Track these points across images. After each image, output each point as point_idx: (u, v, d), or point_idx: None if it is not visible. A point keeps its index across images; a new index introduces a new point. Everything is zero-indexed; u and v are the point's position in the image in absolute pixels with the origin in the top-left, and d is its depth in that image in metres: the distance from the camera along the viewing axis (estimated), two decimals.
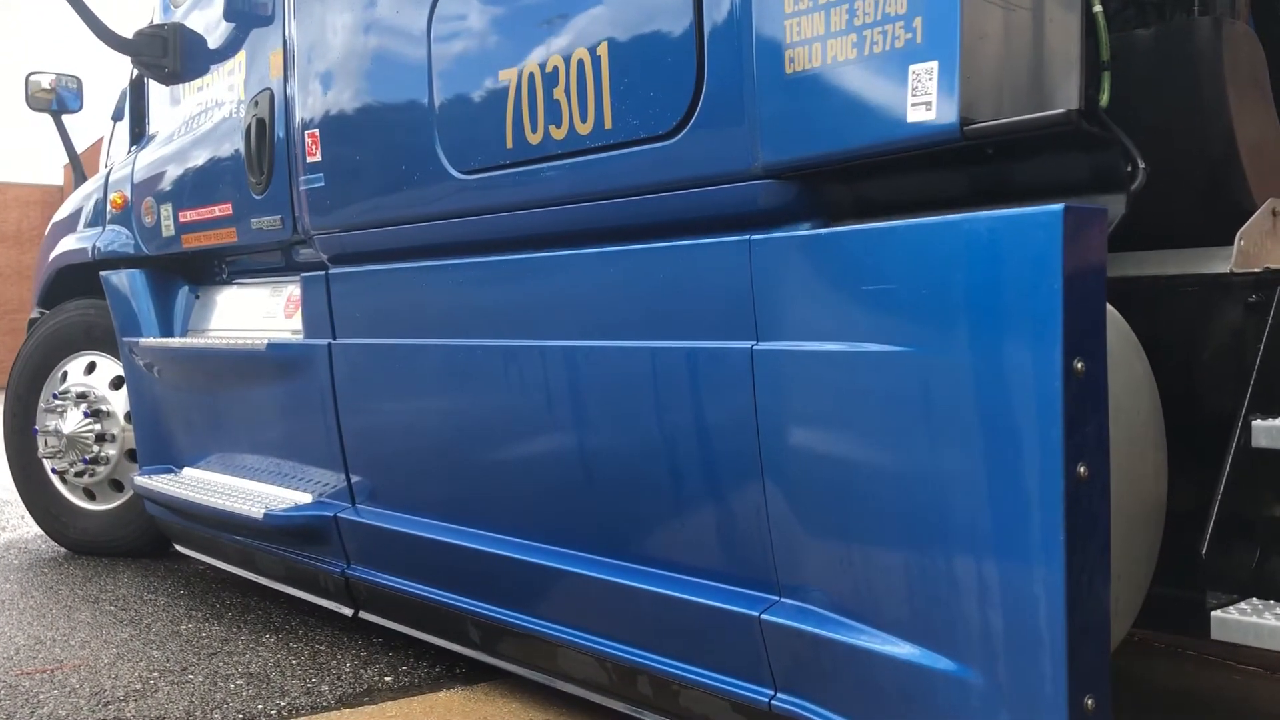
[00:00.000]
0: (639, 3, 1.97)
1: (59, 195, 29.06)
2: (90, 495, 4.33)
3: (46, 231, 4.75)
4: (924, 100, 1.54)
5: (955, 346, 1.49)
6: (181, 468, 3.67)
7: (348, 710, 2.57)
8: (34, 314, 4.68)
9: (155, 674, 2.84)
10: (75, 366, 4.39)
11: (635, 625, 2.05)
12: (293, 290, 3.30)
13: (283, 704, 2.61)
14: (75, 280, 4.36)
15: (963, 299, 1.49)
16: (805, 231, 1.74)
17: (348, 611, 2.95)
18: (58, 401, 4.43)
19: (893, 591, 1.64)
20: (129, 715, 2.54)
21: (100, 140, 5.69)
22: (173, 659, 2.97)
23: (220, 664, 2.92)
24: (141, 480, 3.64)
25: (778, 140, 1.75)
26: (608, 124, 2.03)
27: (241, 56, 3.27)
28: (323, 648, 3.06)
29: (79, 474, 4.29)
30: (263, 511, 2.93)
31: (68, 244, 4.35)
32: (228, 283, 3.73)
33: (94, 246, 4.06)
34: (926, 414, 1.54)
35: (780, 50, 1.72)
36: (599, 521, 2.13)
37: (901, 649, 1.62)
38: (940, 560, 1.55)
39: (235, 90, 3.29)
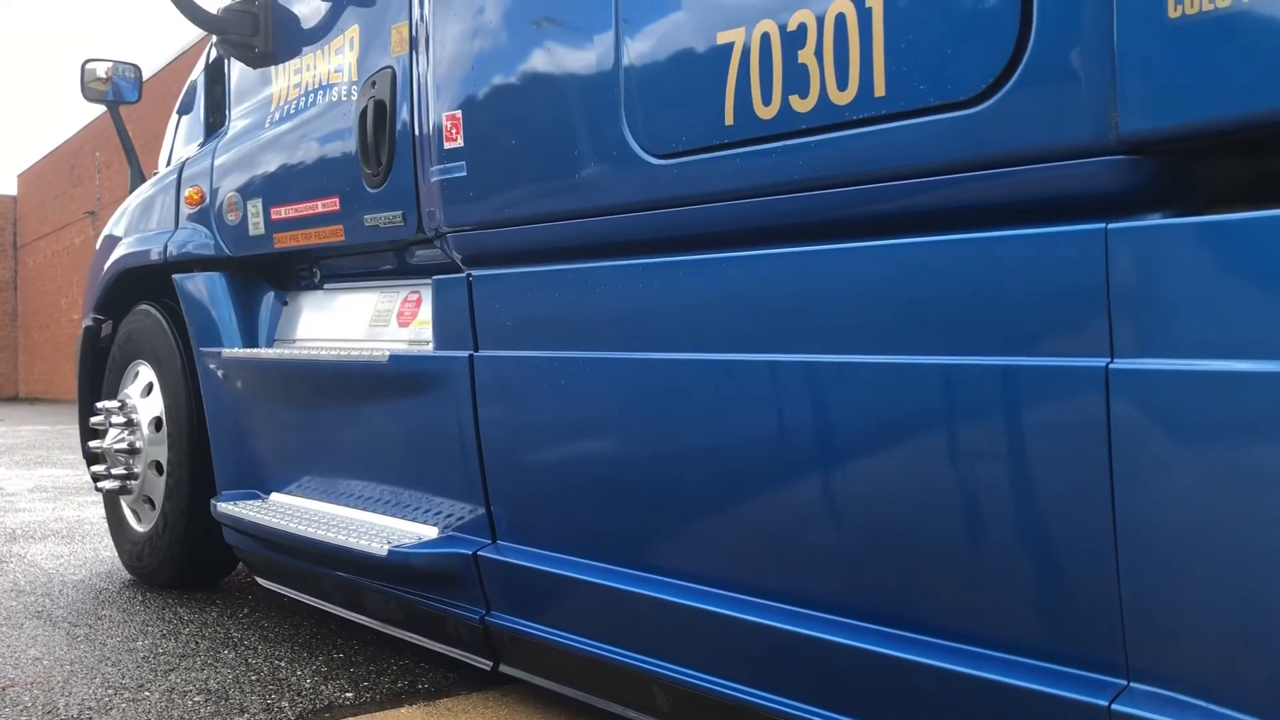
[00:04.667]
0: None
1: (10, 205, 28.89)
2: (137, 516, 4.00)
3: (102, 234, 4.39)
4: None
5: None
6: (268, 493, 3.30)
7: None
8: (88, 321, 4.32)
9: (110, 691, 2.80)
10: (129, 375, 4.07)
11: (909, 708, 1.67)
12: (408, 295, 2.93)
13: None
14: (139, 285, 3.99)
15: None
16: (1205, 219, 1.36)
17: (485, 665, 2.56)
18: (98, 416, 4.10)
19: None
20: None
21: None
22: (129, 676, 2.93)
23: (177, 680, 2.89)
24: (225, 507, 3.26)
25: (1149, 104, 1.38)
26: (879, 90, 1.66)
27: (352, 32, 2.91)
28: (283, 664, 3.04)
29: (122, 491, 4.00)
30: (386, 547, 2.55)
31: (130, 245, 3.99)
32: (318, 287, 3.36)
33: (164, 247, 3.68)
34: None
35: None
36: (851, 577, 1.75)
37: None
38: None
39: (344, 71, 2.92)
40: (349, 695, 2.75)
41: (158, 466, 3.81)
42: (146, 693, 2.78)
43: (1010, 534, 1.55)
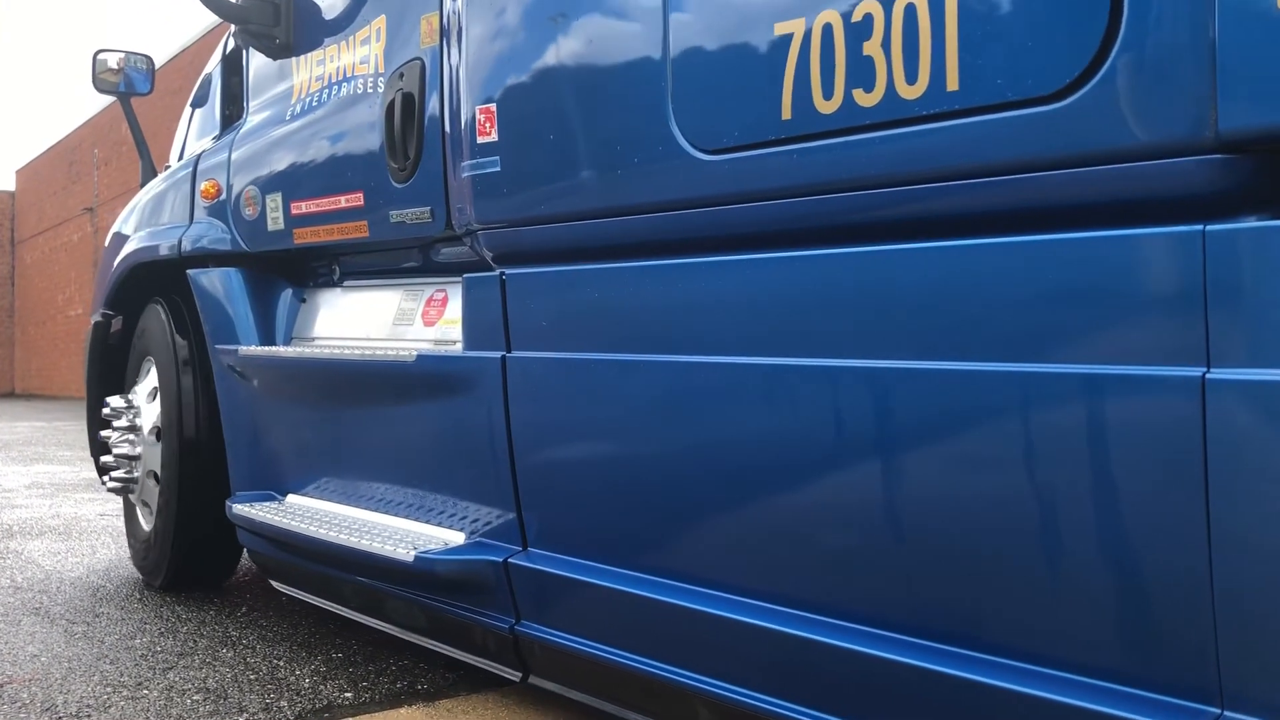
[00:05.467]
0: None
1: (9, 201, 28.78)
2: (146, 514, 3.95)
3: (112, 229, 4.31)
4: None
5: None
6: (284, 494, 3.22)
7: None
8: (96, 316, 4.24)
9: (109, 689, 2.78)
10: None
11: None
12: (434, 294, 2.86)
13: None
14: (150, 280, 3.91)
15: None
16: None
17: (514, 675, 2.48)
18: (108, 412, 4.04)
19: None
20: None
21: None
22: (127, 674, 2.91)
23: (176, 679, 2.86)
24: (240, 509, 3.18)
25: (1252, 100, 1.31)
26: (951, 84, 1.58)
27: (379, 23, 2.83)
28: (281, 663, 3.01)
29: (127, 491, 3.99)
30: (412, 553, 2.47)
31: (143, 239, 3.90)
32: (337, 285, 3.28)
33: (178, 242, 3.60)
34: None
35: None
36: (918, 594, 1.68)
37: None
38: None
39: (370, 62, 2.85)
40: (348, 695, 2.74)
41: (154, 476, 3.76)
42: (145, 691, 2.76)
43: (1095, 550, 1.47)
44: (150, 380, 3.86)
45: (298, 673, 2.92)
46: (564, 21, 2.21)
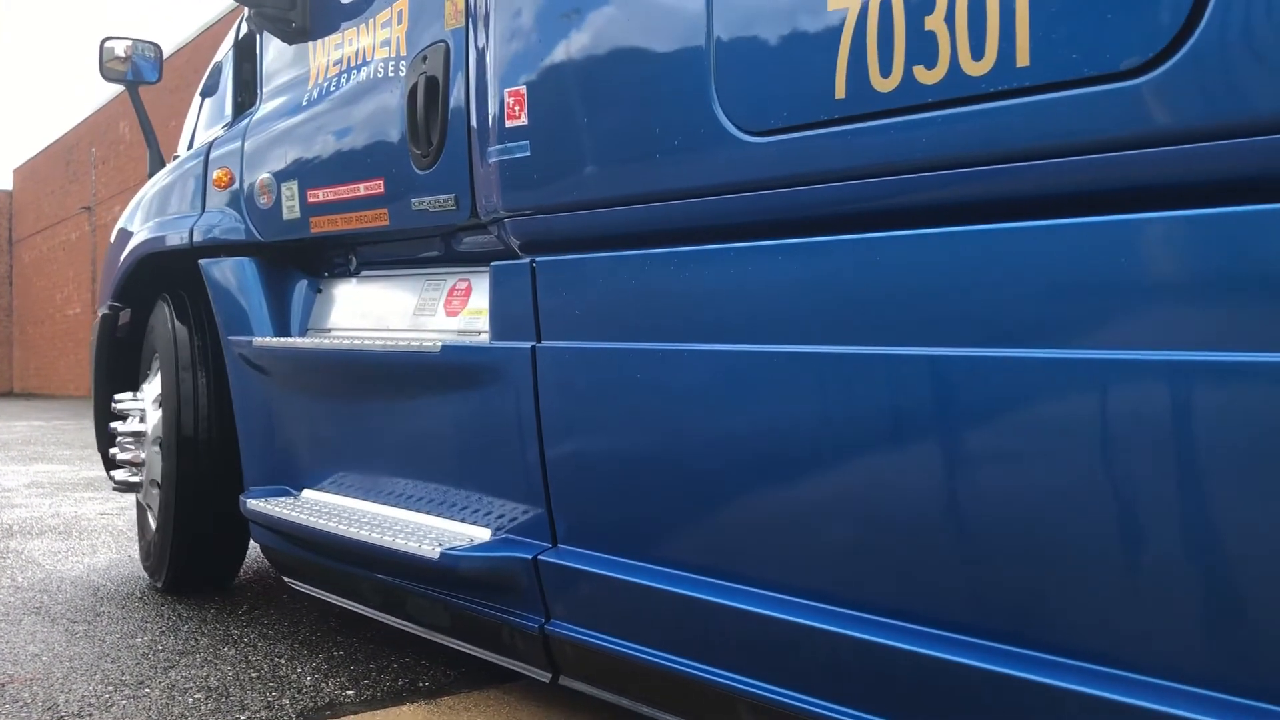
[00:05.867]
0: None
1: (6, 201, 28.66)
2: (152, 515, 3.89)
3: (119, 222, 4.24)
4: None
5: None
6: (300, 489, 3.14)
7: None
8: (104, 309, 4.16)
9: (110, 688, 2.76)
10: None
11: None
12: (456, 284, 2.78)
13: (243, 718, 2.55)
14: (160, 274, 3.83)
15: None
16: None
17: (543, 676, 2.41)
18: (117, 409, 3.98)
19: None
20: None
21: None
22: (128, 673, 2.89)
23: (178, 677, 2.85)
24: (255, 504, 3.10)
25: None
26: (1021, 60, 1.51)
27: (400, 5, 2.76)
28: (283, 660, 3.01)
29: (136, 493, 3.93)
30: (438, 550, 2.39)
31: (152, 230, 3.82)
32: (354, 275, 3.21)
33: (190, 231, 3.52)
34: None
35: None
36: (987, 593, 1.60)
37: None
38: None
39: (391, 45, 2.77)
40: (350, 693, 2.73)
41: (155, 484, 3.70)
42: (147, 690, 2.75)
43: (1188, 548, 1.40)
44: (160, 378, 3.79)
45: (299, 670, 2.92)
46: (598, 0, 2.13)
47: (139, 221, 3.97)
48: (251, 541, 3.54)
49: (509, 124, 2.32)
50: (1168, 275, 1.42)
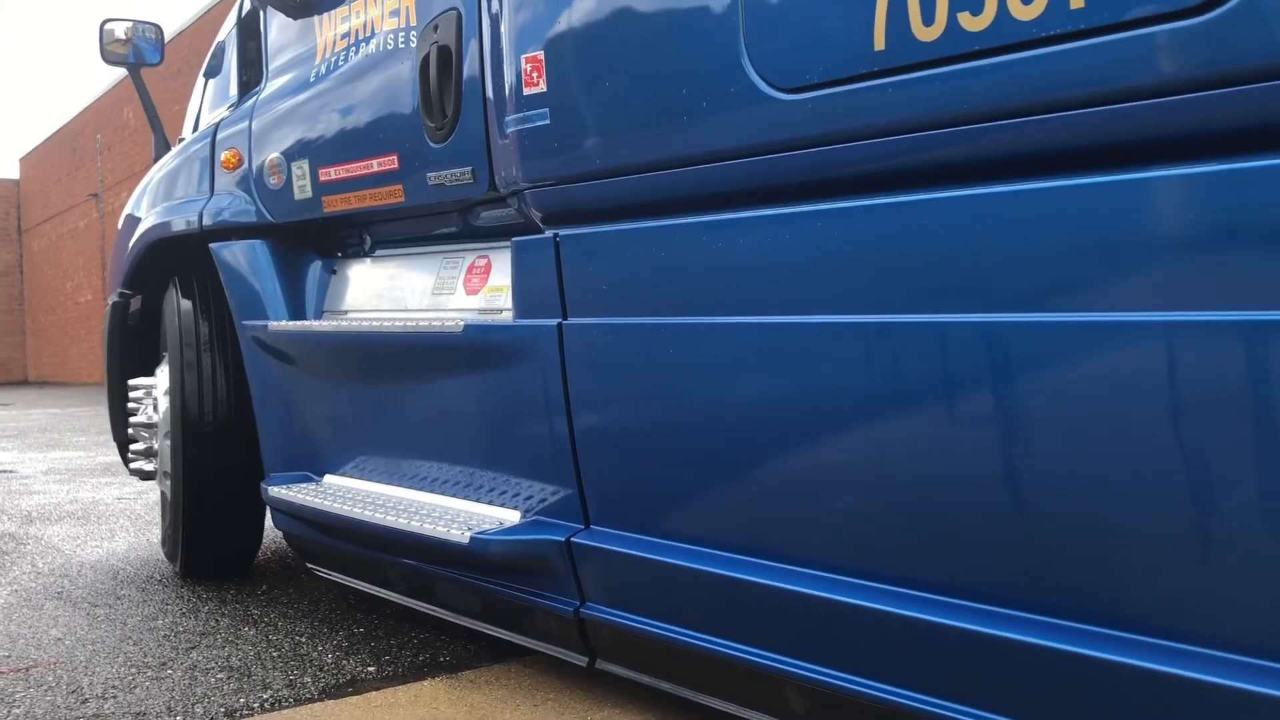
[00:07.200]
0: None
1: (13, 190, 28.61)
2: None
3: (126, 209, 4.16)
4: None
5: None
6: (321, 475, 3.08)
7: (332, 701, 2.51)
8: (114, 297, 4.09)
9: (133, 670, 2.77)
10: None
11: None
12: (475, 261, 2.70)
13: (265, 697, 2.55)
14: (169, 259, 3.75)
15: None
16: None
17: (579, 660, 2.34)
18: (133, 396, 3.92)
19: None
20: (109, 712, 2.45)
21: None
22: (150, 654, 2.90)
23: (199, 658, 2.86)
24: (276, 491, 3.04)
25: None
26: (1075, 1, 1.42)
27: None
28: (303, 639, 3.01)
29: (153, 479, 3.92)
30: (468, 534, 2.33)
31: (160, 214, 3.74)
32: (369, 255, 3.13)
33: (199, 215, 3.44)
34: None
35: None
36: (1045, 570, 1.53)
37: None
38: None
39: (400, 16, 2.68)
40: (371, 669, 2.73)
41: (166, 474, 3.65)
42: (169, 671, 2.75)
43: (1257, 522, 1.32)
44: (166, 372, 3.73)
45: (320, 648, 2.91)
46: None
47: (146, 207, 3.89)
48: (268, 524, 3.49)
49: (527, 91, 2.23)
50: (1242, 228, 1.34)
